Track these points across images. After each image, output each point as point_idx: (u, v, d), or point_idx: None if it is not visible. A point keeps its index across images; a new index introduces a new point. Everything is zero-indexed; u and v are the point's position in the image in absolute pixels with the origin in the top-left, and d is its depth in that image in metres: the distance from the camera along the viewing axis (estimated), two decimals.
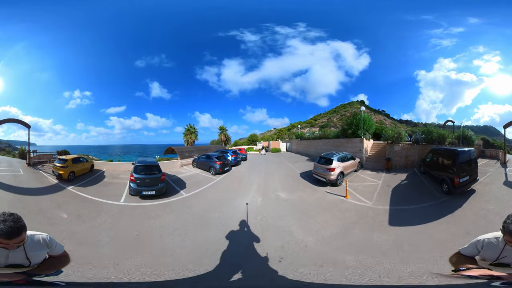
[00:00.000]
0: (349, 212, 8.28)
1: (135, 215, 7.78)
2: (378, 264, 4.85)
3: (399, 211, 8.05)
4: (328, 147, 21.36)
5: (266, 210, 8.40)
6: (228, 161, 17.46)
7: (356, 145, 17.21)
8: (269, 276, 4.62)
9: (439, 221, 6.88)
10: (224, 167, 16.30)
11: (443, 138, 15.89)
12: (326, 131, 26.90)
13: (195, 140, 46.94)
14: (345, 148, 17.73)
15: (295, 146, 34.56)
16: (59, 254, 2.34)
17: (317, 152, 24.81)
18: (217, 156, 17.16)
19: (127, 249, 5.57)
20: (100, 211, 7.95)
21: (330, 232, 6.60)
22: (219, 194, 10.84)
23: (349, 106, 61.52)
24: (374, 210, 8.30)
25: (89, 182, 11.81)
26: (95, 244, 5.72)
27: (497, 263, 2.15)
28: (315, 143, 26.40)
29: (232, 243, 6.01)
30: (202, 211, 8.48)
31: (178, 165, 18.66)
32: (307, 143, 29.29)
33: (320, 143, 24.75)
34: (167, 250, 5.70)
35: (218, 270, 4.70)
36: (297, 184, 12.74)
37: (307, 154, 27.52)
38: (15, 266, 1.99)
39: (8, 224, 1.79)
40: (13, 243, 1.83)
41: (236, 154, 21.26)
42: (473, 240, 2.30)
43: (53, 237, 2.27)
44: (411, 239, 6.07)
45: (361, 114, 17.32)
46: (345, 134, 18.99)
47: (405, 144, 16.57)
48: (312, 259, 5.24)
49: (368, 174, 13.61)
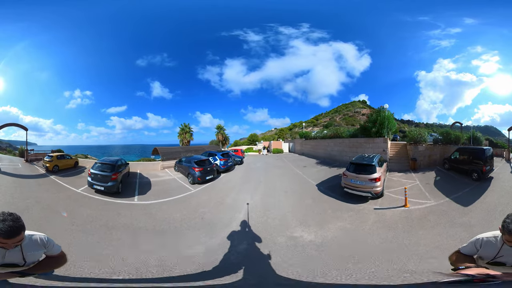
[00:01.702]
0: (432, 219, 7.36)
1: (80, 202, 9.31)
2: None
3: (457, 198, 9.23)
4: (342, 148, 20.39)
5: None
6: (211, 168, 13.94)
7: (379, 145, 16.66)
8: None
9: (484, 196, 9.32)
10: (206, 175, 13.20)
11: (458, 139, 16.83)
12: (338, 129, 23.77)
13: (190, 140, 45.57)
14: (364, 149, 17.19)
15: (299, 146, 32.65)
16: (56, 254, 2.35)
17: (328, 154, 22.83)
18: (198, 160, 13.83)
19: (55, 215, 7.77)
20: (62, 192, 10.50)
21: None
22: (181, 215, 8.13)
23: (351, 106, 62.72)
24: (443, 205, 8.68)
25: (68, 174, 14.08)
26: (50, 205, 8.68)
27: (494, 262, 2.19)
28: (324, 144, 24.11)
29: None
30: (131, 223, 7.39)
31: (159, 167, 17.10)
32: (314, 143, 27.05)
33: (331, 144, 22.51)
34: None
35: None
36: (322, 205, 9.08)
37: (314, 156, 25.38)
38: (10, 265, 2.02)
39: (7, 223, 1.79)
40: (11, 242, 1.85)
41: (227, 157, 17.57)
42: (472, 239, 2.33)
43: (50, 238, 2.27)
44: (490, 209, 8.02)
45: (385, 112, 16.73)
46: (366, 133, 18.01)
47: (428, 144, 17.03)
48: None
49: (398, 176, 13.51)
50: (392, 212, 8.21)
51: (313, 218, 7.83)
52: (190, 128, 46.18)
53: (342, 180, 10.36)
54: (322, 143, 24.95)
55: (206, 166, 13.73)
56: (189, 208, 8.89)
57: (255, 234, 6.59)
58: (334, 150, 21.76)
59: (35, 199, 8.96)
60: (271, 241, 6.06)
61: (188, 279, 4.38)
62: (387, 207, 8.67)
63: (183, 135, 46.31)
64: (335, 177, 13.73)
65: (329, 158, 22.07)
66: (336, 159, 20.77)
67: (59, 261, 2.41)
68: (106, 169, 10.62)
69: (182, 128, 46.61)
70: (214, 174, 14.24)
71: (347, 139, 20.57)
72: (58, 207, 8.43)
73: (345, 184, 10.09)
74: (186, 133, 45.93)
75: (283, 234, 6.48)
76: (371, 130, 17.22)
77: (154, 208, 8.89)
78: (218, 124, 46.35)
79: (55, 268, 2.35)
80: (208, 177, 13.41)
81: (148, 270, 4.64)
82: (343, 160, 19.21)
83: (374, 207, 8.70)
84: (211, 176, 13.73)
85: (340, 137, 21.66)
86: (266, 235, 6.44)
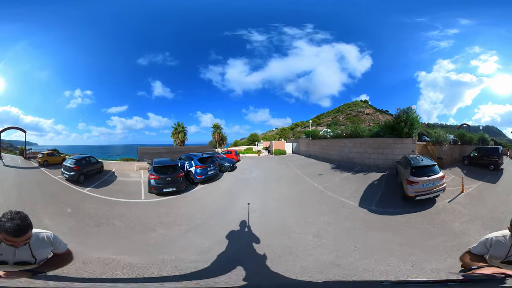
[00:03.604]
0: (483, 193, 10.29)
1: (53, 184, 12.79)
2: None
3: (487, 181, 12.70)
4: (364, 149, 18.70)
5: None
6: (175, 178, 11.12)
7: (408, 146, 16.76)
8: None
9: (501, 178, 13.29)
10: (164, 186, 10.75)
11: (471, 140, 19.12)
12: (358, 127, 21.14)
13: (184, 140, 43.92)
14: (392, 150, 17.09)
15: (305, 147, 30.66)
16: (63, 252, 2.42)
17: (344, 156, 20.60)
18: (159, 166, 11.44)
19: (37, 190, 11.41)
20: (45, 177, 14.38)
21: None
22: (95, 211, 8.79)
23: (353, 106, 64.89)
24: (482, 185, 11.82)
25: (54, 167, 16.70)
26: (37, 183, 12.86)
27: (507, 261, 2.21)
28: (339, 144, 21.70)
29: None
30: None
31: (135, 167, 17.08)
32: (325, 144, 24.75)
33: (348, 144, 20.25)
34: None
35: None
36: (414, 239, 6.32)
37: (325, 159, 22.81)
38: (21, 263, 2.09)
39: (15, 222, 1.85)
40: (20, 240, 1.91)
41: (209, 162, 13.52)
42: (482, 239, 2.39)
43: (57, 235, 2.37)
44: (509, 184, 11.99)
45: (413, 113, 16.97)
46: (395, 133, 17.49)
47: (449, 144, 18.82)
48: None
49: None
50: (461, 199, 9.87)
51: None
52: (183, 128, 44.44)
53: (409, 190, 9.30)
54: (336, 144, 22.68)
55: (168, 174, 11.15)
56: (109, 215, 8.66)
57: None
58: (352, 151, 19.93)
59: (28, 181, 13.32)
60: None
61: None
62: (454, 197, 9.81)
63: (176, 135, 44.44)
64: (373, 187, 11.74)
65: (346, 161, 20.19)
66: (355, 162, 19.16)
67: (65, 258, 2.45)
68: (71, 163, 13.51)
69: (175, 128, 44.74)
70: (179, 186, 11.32)
71: (370, 138, 18.83)
72: (42, 185, 12.20)
73: (415, 192, 9.24)
74: (180, 132, 44.15)
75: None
76: (403, 130, 16.84)
77: (91, 200, 10.40)
78: (215, 123, 45.22)
79: (62, 266, 2.38)
80: (167, 189, 10.80)
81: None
82: (365, 164, 18.38)
83: (447, 201, 9.40)
84: (173, 189, 10.97)
85: (361, 137, 19.63)
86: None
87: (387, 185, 12.55)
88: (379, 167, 17.37)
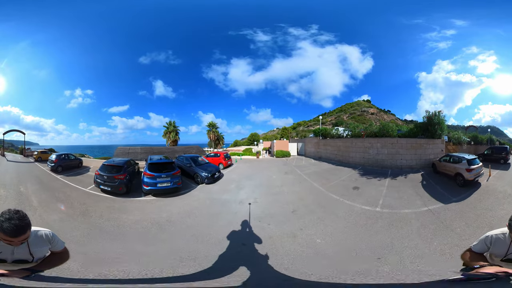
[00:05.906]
0: (503, 177, 13.64)
1: (42, 173, 15.93)
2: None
3: (501, 170, 15.89)
4: (396, 150, 17.95)
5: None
6: (113, 180, 10.05)
7: (438, 146, 18.26)
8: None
9: (510, 168, 16.59)
10: (102, 184, 10.46)
11: (482, 140, 22.05)
12: (386, 126, 19.93)
13: (176, 139, 40.63)
14: (424, 150, 17.93)
15: (313, 147, 28.07)
16: (60, 250, 2.42)
17: (370, 159, 18.94)
18: (108, 164, 10.92)
19: (27, 175, 15.14)
20: (37, 168, 17.81)
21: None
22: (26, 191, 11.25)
23: (356, 105, 66.30)
24: (499, 173, 14.71)
25: (46, 162, 18.59)
26: (28, 171, 16.98)
27: (507, 258, 2.22)
28: (363, 144, 19.72)
29: None
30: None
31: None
32: (341, 144, 22.38)
33: (376, 144, 18.81)
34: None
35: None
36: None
37: (344, 162, 20.62)
38: (20, 261, 2.11)
39: (13, 222, 1.85)
40: (18, 240, 1.91)
41: (159, 172, 10.40)
42: (482, 237, 2.38)
43: (55, 234, 2.36)
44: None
45: (441, 113, 18.22)
46: (427, 134, 18.33)
47: (466, 144, 21.45)
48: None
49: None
50: (491, 182, 12.72)
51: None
52: (175, 127, 40.98)
53: (469, 175, 12.30)
54: (358, 144, 20.44)
55: (106, 172, 10.64)
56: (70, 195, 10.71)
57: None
58: (381, 152, 18.65)
59: (24, 171, 16.65)
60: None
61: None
62: (487, 178, 13.33)
63: (168, 135, 40.76)
64: (430, 187, 11.83)
65: (373, 165, 18.74)
66: (386, 165, 17.94)
67: (62, 257, 2.44)
68: (52, 157, 17.02)
69: (167, 127, 40.96)
70: (115, 189, 10.18)
71: (402, 139, 18.41)
72: (32, 172, 16.03)
73: (474, 176, 12.47)
74: (171, 132, 40.59)
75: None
76: (436, 132, 18.01)
77: (61, 183, 13.05)
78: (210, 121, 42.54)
79: (59, 264, 2.36)
80: (104, 187, 10.42)
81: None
82: (397, 165, 17.58)
83: (485, 180, 12.97)
84: (108, 189, 10.34)
85: (390, 136, 18.85)
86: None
87: (437, 181, 13.58)
88: (412, 168, 17.41)
